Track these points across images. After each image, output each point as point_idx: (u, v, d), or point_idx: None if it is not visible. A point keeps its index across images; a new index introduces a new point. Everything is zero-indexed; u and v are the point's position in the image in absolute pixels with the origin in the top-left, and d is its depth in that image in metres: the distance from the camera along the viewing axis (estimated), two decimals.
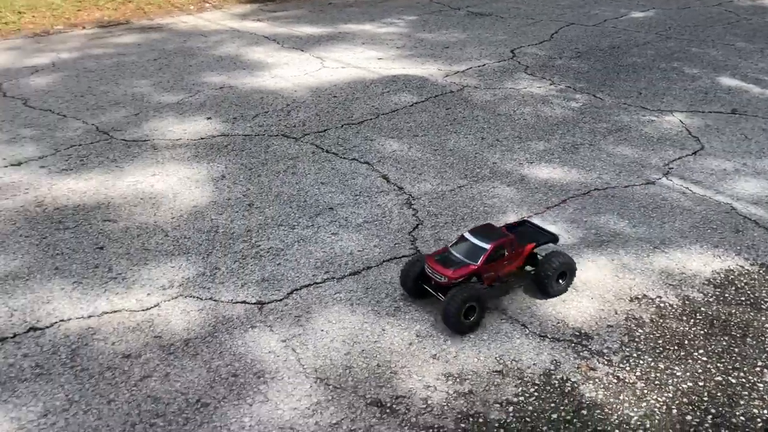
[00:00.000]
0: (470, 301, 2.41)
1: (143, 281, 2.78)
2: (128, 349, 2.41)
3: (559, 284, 2.65)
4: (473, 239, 2.58)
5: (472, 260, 2.53)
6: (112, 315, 2.58)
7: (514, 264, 2.62)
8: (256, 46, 6.35)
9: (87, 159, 3.90)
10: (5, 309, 2.61)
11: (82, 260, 2.93)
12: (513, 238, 2.61)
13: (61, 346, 2.42)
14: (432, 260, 2.55)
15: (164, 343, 2.43)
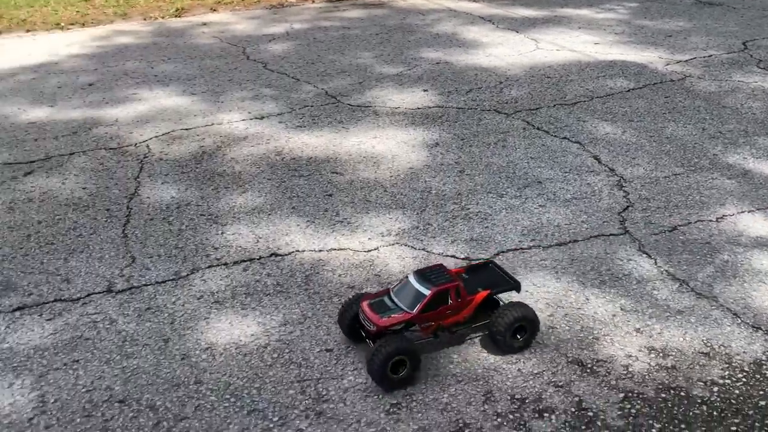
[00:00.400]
0: (397, 354, 2.13)
1: (365, 227, 3.09)
2: (352, 281, 2.71)
3: (516, 340, 2.29)
4: (414, 283, 2.28)
5: (409, 307, 2.24)
6: (338, 252, 2.91)
7: (461, 314, 2.30)
8: (472, 25, 6.53)
9: (318, 118, 4.33)
10: (252, 236, 3.04)
11: (313, 204, 3.30)
12: (459, 284, 2.28)
13: (297, 272, 2.78)
14: (366, 304, 2.28)
15: (382, 280, 2.71)
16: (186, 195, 3.39)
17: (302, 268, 2.80)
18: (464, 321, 2.32)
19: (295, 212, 3.23)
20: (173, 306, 2.58)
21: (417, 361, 2.19)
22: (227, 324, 2.48)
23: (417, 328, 2.27)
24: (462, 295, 2.29)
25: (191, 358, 2.32)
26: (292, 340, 2.40)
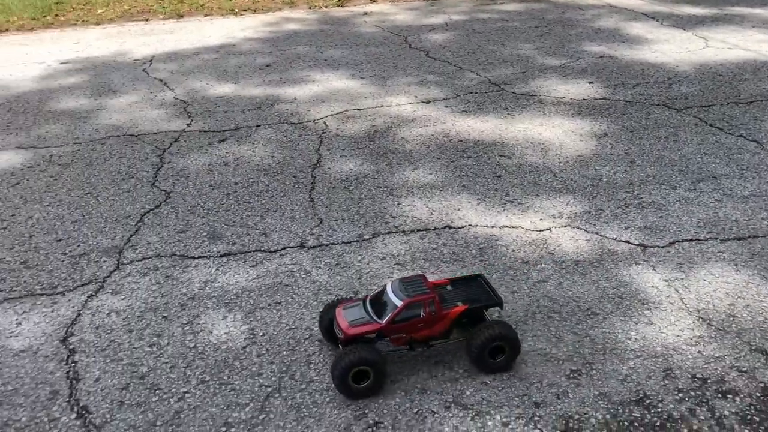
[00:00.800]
0: (359, 365, 2.09)
1: (536, 208, 3.19)
2: (526, 257, 2.82)
3: (494, 361, 2.19)
4: (390, 292, 2.21)
5: (379, 317, 2.18)
6: (510, 229, 3.03)
7: (435, 328, 2.21)
8: (635, 22, 6.41)
9: (482, 104, 4.46)
10: (426, 209, 3.22)
11: (483, 183, 3.44)
12: (433, 297, 2.19)
13: (471, 244, 2.93)
14: (340, 310, 2.25)
15: (556, 259, 2.80)
16: (362, 168, 3.63)
17: (476, 241, 2.95)
18: (439, 335, 2.24)
19: (465, 190, 3.38)
20: (359, 264, 2.81)
21: (381, 373, 2.14)
22: None
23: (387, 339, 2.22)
24: (436, 309, 2.20)
25: None
26: None
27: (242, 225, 3.12)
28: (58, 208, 3.31)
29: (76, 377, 2.24)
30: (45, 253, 2.95)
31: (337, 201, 3.30)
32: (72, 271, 2.81)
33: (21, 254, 2.94)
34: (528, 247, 2.89)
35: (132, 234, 3.07)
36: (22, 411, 2.12)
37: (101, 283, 2.72)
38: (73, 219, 3.21)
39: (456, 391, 2.15)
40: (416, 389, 2.16)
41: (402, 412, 2.09)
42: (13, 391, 2.19)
